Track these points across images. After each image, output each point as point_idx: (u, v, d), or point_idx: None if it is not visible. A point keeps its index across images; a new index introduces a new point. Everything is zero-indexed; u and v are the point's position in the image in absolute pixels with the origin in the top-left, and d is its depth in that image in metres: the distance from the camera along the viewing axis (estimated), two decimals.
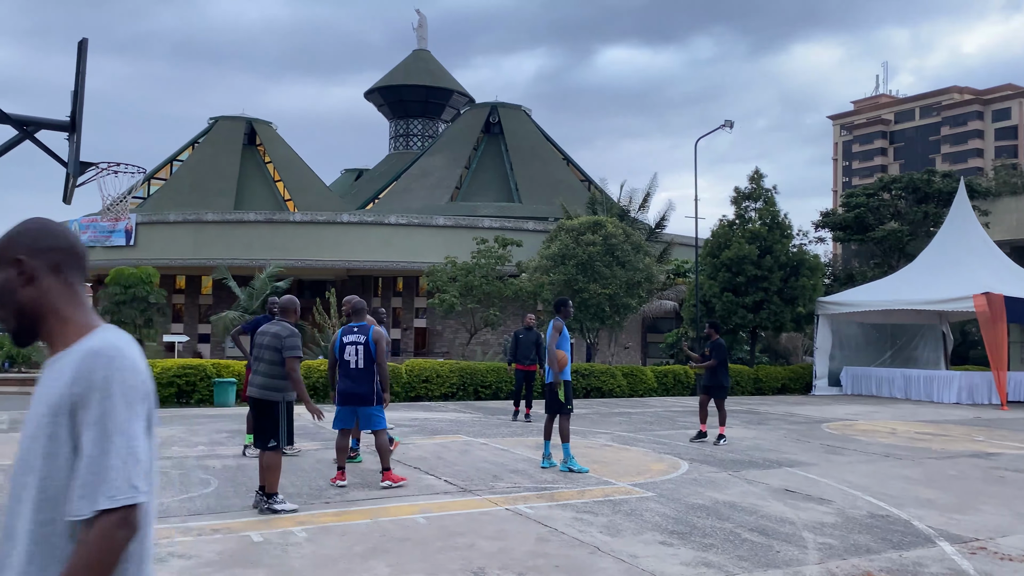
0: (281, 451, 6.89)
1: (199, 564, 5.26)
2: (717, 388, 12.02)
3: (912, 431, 14.00)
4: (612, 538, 6.14)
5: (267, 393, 6.84)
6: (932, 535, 6.48)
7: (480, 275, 26.13)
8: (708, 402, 12.20)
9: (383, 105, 57.43)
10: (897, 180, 33.35)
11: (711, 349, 12.13)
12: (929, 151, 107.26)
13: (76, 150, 7.70)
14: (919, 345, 26.14)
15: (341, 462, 7.90)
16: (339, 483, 7.79)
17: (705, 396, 12.22)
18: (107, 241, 34.91)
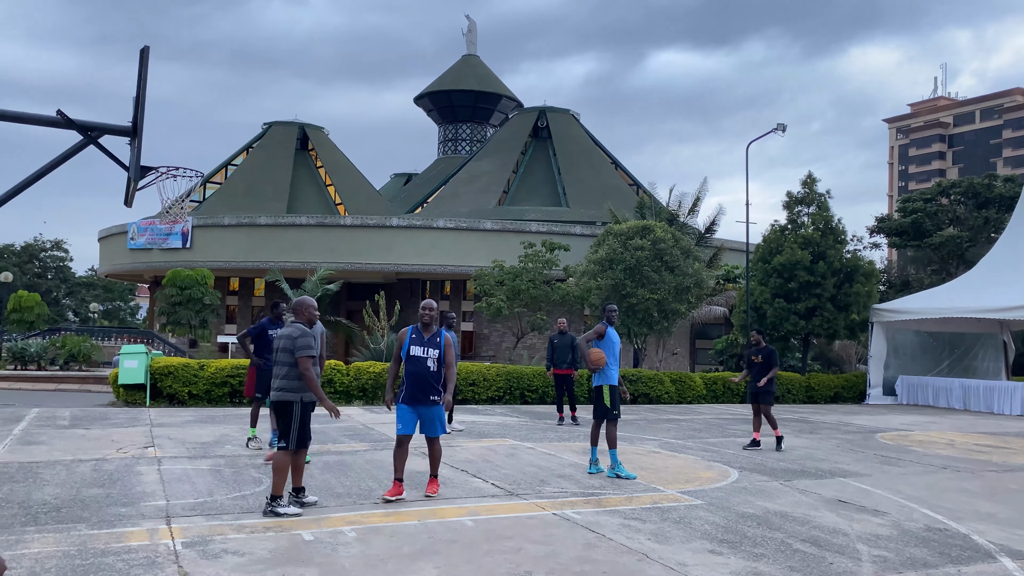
0: (290, 452, 6.83)
1: (252, 561, 5.36)
2: (764, 394, 11.89)
3: (971, 443, 13.60)
4: (660, 545, 6.08)
5: (284, 394, 6.92)
6: (993, 550, 6.29)
7: (527, 279, 26.15)
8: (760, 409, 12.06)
9: (432, 110, 57.88)
10: (956, 184, 32.52)
11: (764, 356, 11.94)
12: (990, 155, 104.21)
13: (137, 155, 7.91)
14: (978, 354, 25.38)
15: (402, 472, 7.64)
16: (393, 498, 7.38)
17: (757, 404, 12.05)
18: (164, 243, 35.82)
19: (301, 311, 7.27)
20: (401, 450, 7.52)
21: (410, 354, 7.46)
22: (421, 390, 7.41)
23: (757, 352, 12.10)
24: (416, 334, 7.52)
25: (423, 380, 7.41)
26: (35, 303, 37.01)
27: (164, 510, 6.77)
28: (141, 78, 8.26)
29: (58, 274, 72.18)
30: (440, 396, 7.48)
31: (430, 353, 7.46)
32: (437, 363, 7.46)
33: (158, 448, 10.11)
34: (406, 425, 7.46)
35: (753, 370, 12.12)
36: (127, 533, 5.99)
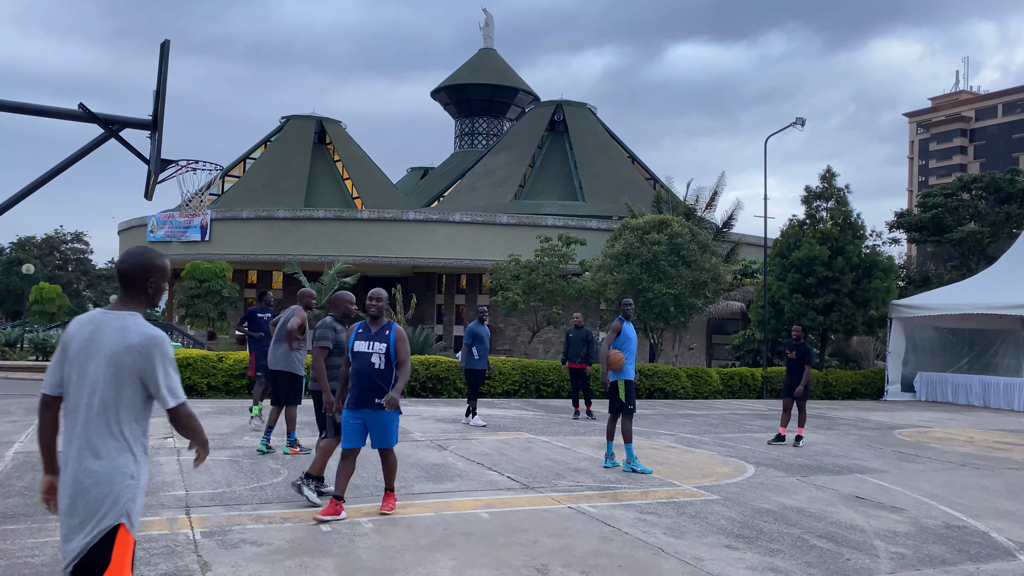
0: (331, 439, 7.02)
1: (270, 551, 5.41)
2: (805, 391, 11.81)
3: (991, 440, 13.48)
4: (676, 540, 6.08)
5: (314, 384, 7.29)
6: (1012, 548, 6.24)
7: (543, 273, 26.15)
8: (791, 404, 11.98)
9: (449, 104, 57.92)
10: (977, 180, 32.18)
11: (799, 353, 11.83)
12: (1012, 149, 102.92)
13: (157, 148, 8.00)
14: (999, 351, 25.12)
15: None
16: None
17: (788, 399, 11.98)
18: (183, 236, 36.11)
19: (337, 304, 7.45)
20: (346, 463, 6.44)
21: (354, 350, 6.46)
22: (364, 391, 6.38)
23: (792, 347, 11.94)
24: (363, 328, 6.54)
25: (367, 379, 6.37)
26: (56, 295, 37.42)
27: (183, 500, 6.84)
28: (161, 72, 8.33)
29: (79, 266, 72.96)
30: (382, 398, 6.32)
31: (376, 348, 6.38)
32: (385, 359, 6.37)
33: (177, 439, 10.21)
34: (350, 437, 6.45)
35: (787, 365, 12.01)
36: (147, 522, 6.06)
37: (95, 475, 3.01)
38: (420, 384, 17.26)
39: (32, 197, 8.37)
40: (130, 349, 3.05)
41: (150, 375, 3.07)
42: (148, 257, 3.20)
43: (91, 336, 3.11)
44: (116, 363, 3.05)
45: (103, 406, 3.05)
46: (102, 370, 3.06)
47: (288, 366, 9.39)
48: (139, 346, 3.06)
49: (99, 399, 3.05)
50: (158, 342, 3.08)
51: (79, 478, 3.01)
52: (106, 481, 3.01)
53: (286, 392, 9.42)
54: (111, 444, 3.04)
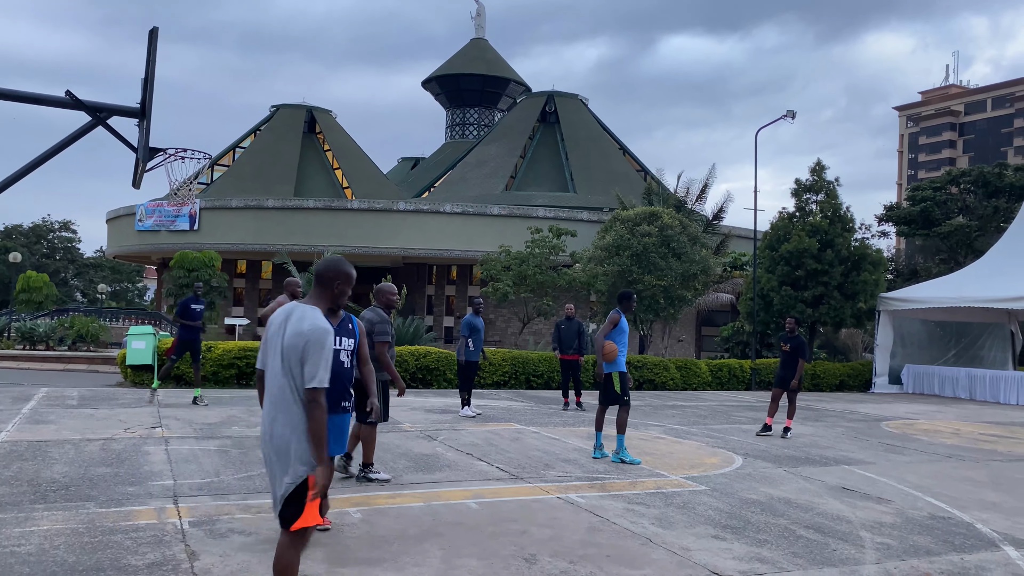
0: (374, 425, 7.34)
1: (258, 541, 5.41)
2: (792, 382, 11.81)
3: (977, 432, 13.59)
4: (664, 530, 6.11)
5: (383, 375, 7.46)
6: (996, 539, 6.30)
7: (534, 264, 26.14)
8: (781, 396, 12.00)
9: (440, 94, 57.72)
10: (966, 173, 32.34)
11: (793, 345, 11.83)
12: (1001, 144, 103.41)
13: (146, 136, 7.94)
14: (985, 344, 25.31)
15: None
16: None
17: (779, 390, 12.00)
18: (172, 225, 35.91)
19: (380, 296, 7.67)
20: None
21: None
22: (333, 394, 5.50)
23: (787, 340, 11.94)
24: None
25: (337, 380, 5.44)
26: (43, 283, 37.19)
27: (171, 490, 6.82)
28: (150, 59, 8.26)
29: (66, 255, 72.48)
30: (351, 401, 5.65)
31: (344, 344, 5.48)
32: (351, 357, 5.58)
33: (166, 428, 10.18)
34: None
35: (782, 357, 12.02)
36: (135, 512, 6.04)
37: (281, 437, 3.69)
38: (410, 375, 17.24)
39: (19, 185, 8.30)
40: (299, 334, 3.70)
41: (304, 357, 3.67)
42: (339, 265, 3.99)
43: (283, 322, 3.83)
44: (290, 344, 3.72)
45: (284, 379, 3.72)
46: (281, 349, 3.75)
47: None
48: (306, 333, 3.69)
49: (280, 372, 3.74)
50: (319, 334, 3.69)
51: (273, 439, 3.72)
52: (298, 440, 3.65)
53: None
54: (293, 410, 3.69)
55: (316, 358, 3.65)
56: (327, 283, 3.98)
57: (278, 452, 3.69)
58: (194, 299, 13.14)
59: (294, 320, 3.77)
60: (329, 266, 3.98)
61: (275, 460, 3.71)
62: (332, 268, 3.97)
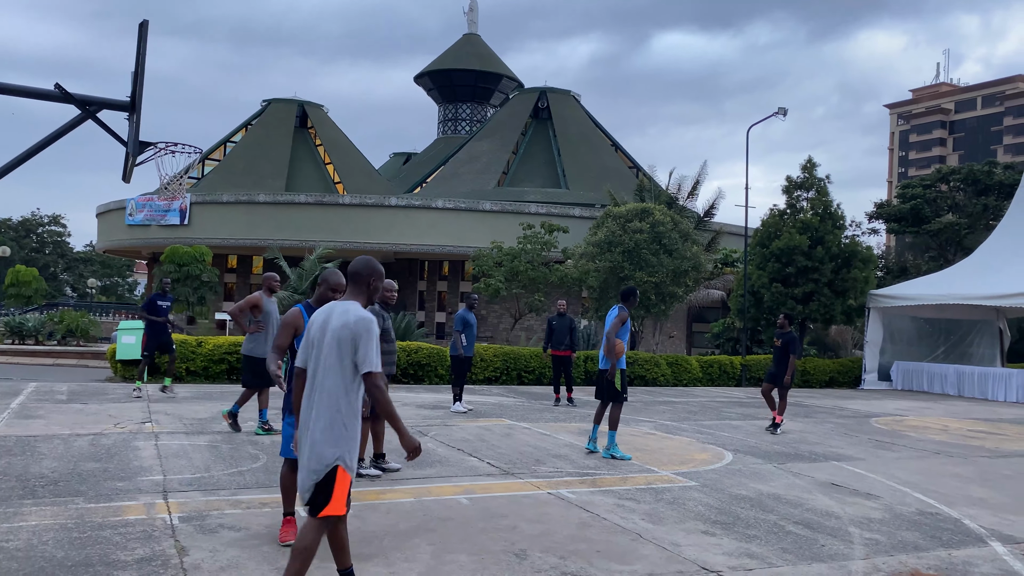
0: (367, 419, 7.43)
1: (248, 536, 5.40)
2: (783, 377, 11.90)
3: (965, 428, 13.68)
4: (654, 526, 6.13)
5: None
6: (984, 535, 6.34)
7: (526, 260, 26.14)
8: (772, 391, 12.08)
9: (432, 89, 57.58)
10: (956, 171, 32.47)
11: (784, 341, 11.93)
12: (991, 142, 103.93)
13: (136, 130, 7.90)
14: (974, 341, 25.46)
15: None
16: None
17: (769, 385, 12.08)
18: (162, 220, 35.75)
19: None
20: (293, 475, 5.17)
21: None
22: None
23: (779, 336, 12.05)
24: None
25: None
26: (33, 278, 36.97)
27: (161, 485, 6.80)
28: (140, 52, 8.22)
29: (56, 249, 72.07)
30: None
31: None
32: None
33: (155, 424, 10.14)
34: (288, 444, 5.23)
35: (774, 353, 12.14)
36: (124, 507, 6.02)
37: (319, 428, 3.97)
38: (401, 370, 17.23)
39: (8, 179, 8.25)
40: (346, 326, 4.01)
41: (357, 345, 3.98)
42: (372, 264, 4.29)
43: (325, 320, 4.12)
44: (338, 336, 4.01)
45: (327, 371, 4.01)
46: (328, 343, 4.04)
47: (247, 350, 9.72)
48: (352, 324, 4.00)
49: (325, 366, 4.03)
50: (366, 323, 4.02)
51: (311, 430, 3.99)
52: (331, 430, 3.95)
53: (243, 374, 9.83)
54: (338, 401, 3.99)
55: (367, 345, 3.98)
56: (362, 280, 4.27)
57: (313, 443, 3.97)
58: (160, 295, 13.32)
59: (337, 315, 4.09)
60: (363, 265, 4.28)
61: (310, 449, 3.98)
62: (366, 266, 4.28)
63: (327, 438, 3.95)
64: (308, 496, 3.98)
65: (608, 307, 22.65)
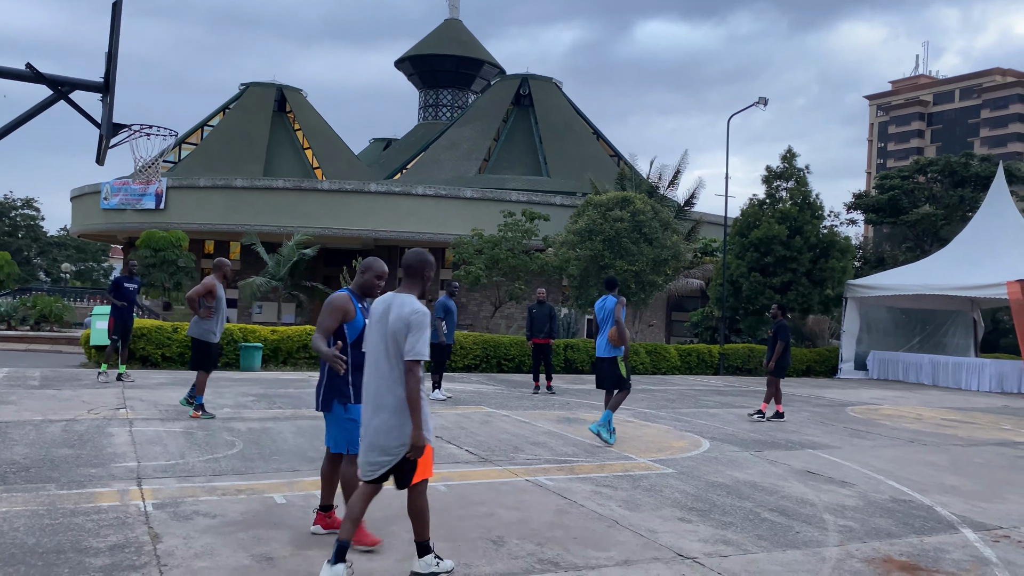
0: None
1: (223, 523, 5.35)
2: (777, 368, 12.16)
3: (938, 417, 13.85)
4: (631, 512, 6.15)
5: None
6: (955, 522, 6.42)
7: (506, 248, 26.08)
8: (776, 381, 12.28)
9: (413, 74, 57.19)
10: (933, 163, 32.75)
11: (776, 330, 12.21)
12: (968, 134, 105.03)
13: (109, 111, 7.76)
14: (949, 331, 25.78)
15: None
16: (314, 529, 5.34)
17: (772, 377, 12.29)
18: (138, 204, 35.30)
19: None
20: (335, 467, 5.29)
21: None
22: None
23: (771, 326, 12.42)
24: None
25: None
26: (5, 262, 36.44)
27: (135, 471, 6.73)
28: (113, 33, 8.07)
29: (29, 233, 71.00)
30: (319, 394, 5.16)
31: None
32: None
33: (130, 410, 10.04)
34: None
35: (768, 343, 12.44)
36: (97, 494, 5.95)
37: (383, 416, 4.35)
38: None
39: None
40: (401, 318, 4.37)
41: (408, 335, 4.33)
42: (424, 256, 4.61)
43: (384, 311, 4.47)
44: (394, 328, 4.39)
45: (390, 359, 4.38)
46: (389, 334, 4.41)
47: (197, 332, 9.76)
48: (406, 316, 4.36)
49: (388, 355, 4.39)
50: (420, 316, 4.36)
51: (375, 417, 4.38)
52: (397, 412, 4.33)
53: (194, 358, 9.87)
54: (396, 390, 4.34)
55: (417, 335, 4.32)
56: (417, 272, 4.60)
57: (384, 427, 4.36)
58: (127, 278, 13.30)
59: (395, 307, 4.43)
60: (416, 259, 4.60)
61: (382, 431, 4.36)
62: (420, 260, 4.60)
63: (400, 421, 4.32)
64: (375, 474, 4.37)
65: (588, 295, 22.69)
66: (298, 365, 17.12)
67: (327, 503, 5.29)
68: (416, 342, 4.30)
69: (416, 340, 4.30)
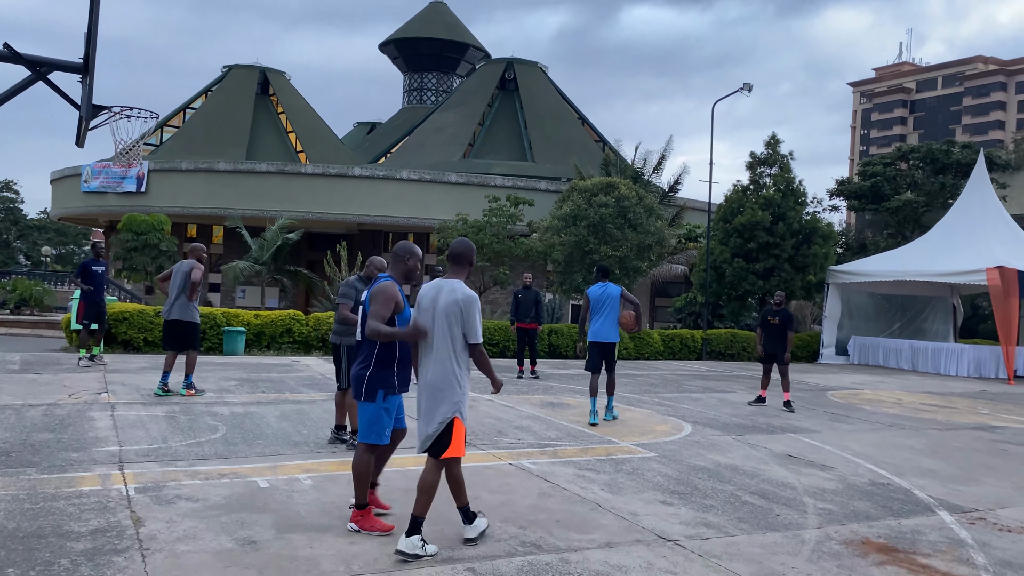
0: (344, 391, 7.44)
1: (206, 507, 5.35)
2: (781, 354, 11.96)
3: (917, 402, 14.01)
4: (613, 496, 6.20)
5: (333, 337, 7.55)
6: (932, 504, 6.52)
7: (491, 233, 26.05)
8: (772, 369, 12.25)
9: (397, 58, 56.78)
10: (915, 150, 32.92)
11: (783, 318, 11.99)
12: (950, 121, 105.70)
13: (89, 93, 7.65)
14: (929, 317, 26.03)
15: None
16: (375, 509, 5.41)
17: (767, 365, 12.23)
18: (119, 187, 34.93)
19: (367, 267, 7.61)
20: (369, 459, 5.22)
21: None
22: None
23: (775, 314, 12.10)
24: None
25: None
26: None
27: (117, 456, 6.70)
28: (93, 12, 7.95)
29: (8, 216, 70.16)
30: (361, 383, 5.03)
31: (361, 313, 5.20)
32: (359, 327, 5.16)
33: (112, 394, 9.98)
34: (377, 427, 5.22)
35: (767, 330, 12.14)
36: (78, 478, 5.93)
37: (435, 387, 4.74)
38: None
39: None
40: (456, 302, 4.76)
41: (464, 319, 4.76)
42: (470, 244, 5.01)
43: (436, 296, 4.83)
44: (448, 312, 4.76)
45: (440, 341, 4.76)
46: (439, 318, 4.77)
47: (186, 315, 10.10)
48: (460, 301, 4.76)
49: (438, 337, 4.76)
50: (472, 301, 4.79)
51: (428, 388, 4.78)
52: (445, 388, 4.73)
53: (186, 338, 10.12)
54: (447, 364, 4.74)
55: (473, 319, 4.78)
56: (464, 259, 4.99)
57: (431, 399, 4.75)
58: (94, 261, 13.20)
59: (446, 292, 4.81)
60: (464, 246, 5.00)
61: (428, 405, 4.76)
62: (467, 248, 5.00)
63: (445, 396, 4.72)
64: (427, 445, 4.78)
65: (572, 281, 22.72)
66: (282, 350, 17.06)
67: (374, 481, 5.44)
68: (475, 326, 4.79)
69: (474, 324, 4.79)
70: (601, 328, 10.02)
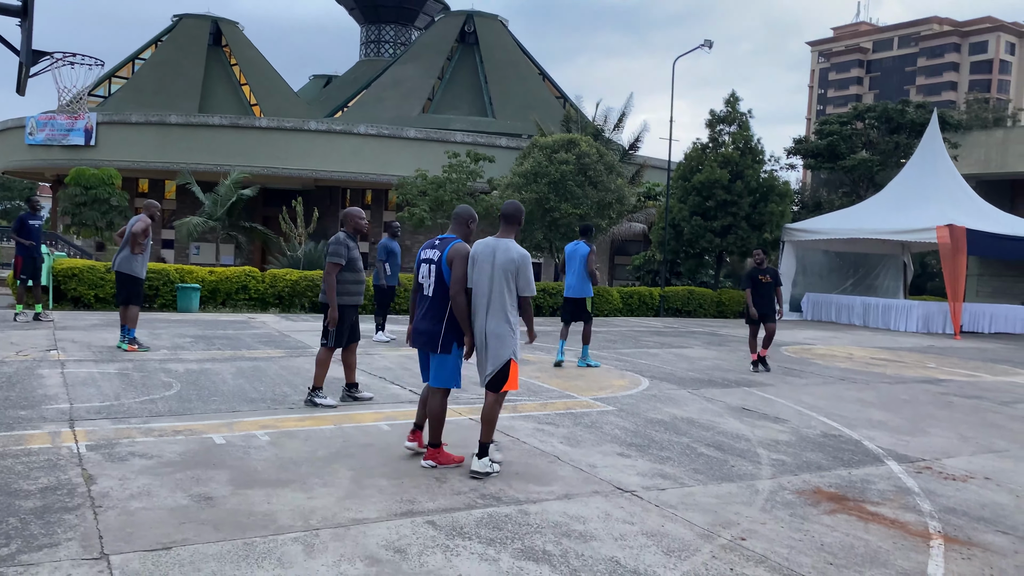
0: (331, 349, 7.23)
1: (160, 464, 5.27)
2: (774, 314, 11.57)
3: (868, 357, 14.36)
4: (572, 448, 6.25)
5: (323, 296, 7.28)
6: (881, 455, 6.69)
7: (451, 190, 25.83)
8: (759, 331, 11.67)
9: (354, 9, 55.46)
10: (871, 109, 33.30)
11: (771, 275, 11.63)
12: (904, 82, 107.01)
13: (28, 37, 7.32)
14: (880, 274, 26.61)
15: (419, 417, 5.94)
16: (408, 444, 5.89)
17: (756, 326, 11.64)
18: (65, 140, 33.80)
19: (347, 221, 7.40)
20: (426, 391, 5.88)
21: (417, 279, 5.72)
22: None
23: (764, 272, 11.64)
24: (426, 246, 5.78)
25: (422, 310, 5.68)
26: None
27: (67, 413, 6.56)
28: None
29: None
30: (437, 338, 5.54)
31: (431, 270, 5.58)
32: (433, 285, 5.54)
33: (61, 351, 9.75)
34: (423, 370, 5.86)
35: (758, 289, 11.59)
36: (27, 436, 5.79)
37: (496, 332, 5.36)
38: None
39: None
40: (511, 260, 5.36)
41: (518, 275, 5.39)
42: (519, 206, 5.64)
43: (491, 252, 5.39)
44: (504, 269, 5.36)
45: (497, 294, 5.36)
46: (497, 273, 5.36)
47: (130, 269, 10.06)
48: (516, 259, 5.37)
49: (496, 290, 5.36)
50: (526, 258, 5.40)
51: (488, 335, 5.39)
52: (503, 335, 5.36)
53: (128, 293, 10.07)
54: (501, 315, 5.36)
55: (527, 275, 5.40)
56: (515, 220, 5.60)
57: (492, 344, 5.35)
58: (30, 215, 13.12)
59: (502, 250, 5.38)
60: (514, 208, 5.59)
61: (487, 347, 5.38)
62: (517, 210, 5.60)
63: (503, 342, 5.35)
64: (487, 381, 5.44)
65: (533, 239, 22.69)
66: (237, 307, 16.82)
67: (420, 423, 5.93)
68: (528, 281, 5.39)
69: (528, 279, 5.39)
70: (569, 283, 11.07)
